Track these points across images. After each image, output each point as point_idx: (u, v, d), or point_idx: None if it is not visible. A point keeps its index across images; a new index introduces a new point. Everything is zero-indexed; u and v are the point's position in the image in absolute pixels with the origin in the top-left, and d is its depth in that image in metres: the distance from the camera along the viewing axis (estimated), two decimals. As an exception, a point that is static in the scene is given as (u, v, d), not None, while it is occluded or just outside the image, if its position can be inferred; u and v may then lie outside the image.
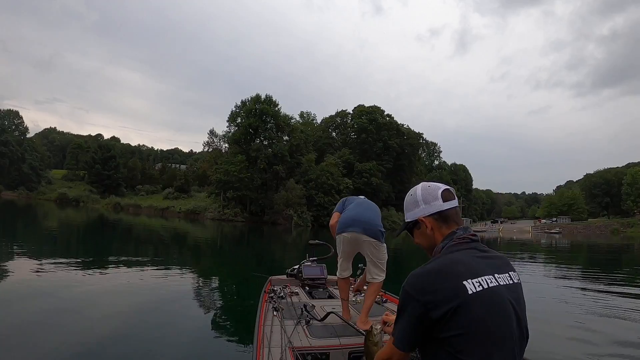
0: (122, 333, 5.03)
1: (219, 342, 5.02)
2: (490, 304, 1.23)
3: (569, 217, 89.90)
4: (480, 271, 1.28)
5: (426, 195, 1.49)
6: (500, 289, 1.28)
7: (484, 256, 1.36)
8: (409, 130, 72.52)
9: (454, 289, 1.22)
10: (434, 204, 1.47)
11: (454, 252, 1.36)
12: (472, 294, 1.21)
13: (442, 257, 1.36)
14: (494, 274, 1.30)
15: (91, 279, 8.35)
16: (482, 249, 1.40)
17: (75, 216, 37.23)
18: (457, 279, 1.24)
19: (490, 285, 1.26)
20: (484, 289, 1.24)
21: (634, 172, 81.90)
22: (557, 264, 19.64)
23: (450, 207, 1.47)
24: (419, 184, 1.57)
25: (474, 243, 1.40)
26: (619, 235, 65.04)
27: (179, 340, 4.91)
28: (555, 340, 5.61)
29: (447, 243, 1.41)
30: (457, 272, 1.26)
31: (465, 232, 1.43)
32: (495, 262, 1.36)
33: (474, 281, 1.24)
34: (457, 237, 1.41)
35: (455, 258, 1.32)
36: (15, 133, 79.74)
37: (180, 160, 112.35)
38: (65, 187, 71.56)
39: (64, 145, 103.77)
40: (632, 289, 10.94)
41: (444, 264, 1.30)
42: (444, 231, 1.46)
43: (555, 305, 8.39)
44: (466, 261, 1.31)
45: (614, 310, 7.88)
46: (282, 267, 5.63)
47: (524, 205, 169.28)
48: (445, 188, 1.49)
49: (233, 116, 58.04)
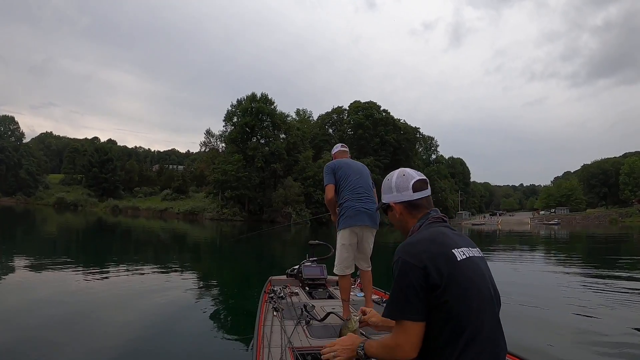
0: (122, 334, 5.02)
1: (219, 342, 5.01)
2: (474, 270, 1.37)
3: (568, 208, 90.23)
4: (460, 243, 1.43)
5: (399, 184, 1.60)
6: (477, 258, 1.43)
7: (457, 233, 1.52)
8: (405, 125, 72.56)
9: (447, 255, 1.35)
10: (404, 194, 1.58)
11: (432, 226, 1.50)
12: (460, 260, 1.35)
13: (424, 230, 1.49)
14: (468, 246, 1.45)
15: (90, 283, 8.32)
16: (453, 229, 1.53)
17: (74, 220, 37.17)
18: (448, 247, 1.37)
19: (469, 255, 1.40)
20: (468, 257, 1.38)
21: (631, 161, 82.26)
22: (556, 254, 19.70)
23: (420, 197, 1.58)
24: (397, 170, 1.68)
25: (445, 223, 1.54)
26: (618, 225, 65.28)
27: (179, 340, 4.90)
28: (552, 330, 5.63)
29: (424, 222, 1.53)
30: (446, 241, 1.40)
31: (437, 213, 1.57)
32: (466, 240, 1.50)
33: (459, 250, 1.38)
34: (432, 217, 1.54)
35: (439, 230, 1.46)
36: (11, 139, 79.56)
37: (177, 161, 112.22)
38: (62, 191, 71.42)
39: (60, 149, 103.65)
40: (632, 280, 10.97)
41: (433, 234, 1.43)
42: (415, 215, 1.58)
43: (554, 295, 8.40)
44: (448, 234, 1.45)
45: (613, 299, 7.90)
46: (281, 265, 5.63)
47: (522, 197, 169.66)
48: (418, 179, 1.59)
49: (229, 115, 58.05)
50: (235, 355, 4.55)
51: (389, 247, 22.88)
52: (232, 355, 4.55)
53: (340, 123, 71.56)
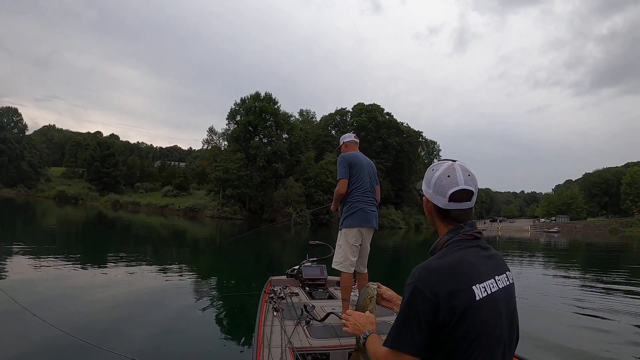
0: (122, 333, 5.03)
1: (219, 342, 5.02)
2: (492, 310, 1.25)
3: (568, 216, 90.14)
4: (485, 275, 1.29)
5: (438, 185, 1.40)
6: (499, 293, 1.30)
7: (486, 255, 1.37)
8: (408, 129, 72.61)
9: (465, 292, 1.22)
10: (438, 199, 1.40)
11: (461, 248, 1.34)
12: (479, 300, 1.23)
13: (450, 253, 1.33)
14: (495, 276, 1.32)
15: (88, 280, 8.33)
16: (484, 247, 1.39)
17: (74, 214, 37.20)
18: (468, 283, 1.24)
19: (492, 290, 1.28)
20: (488, 295, 1.25)
21: (633, 171, 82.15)
22: (555, 262, 19.67)
23: (455, 208, 1.39)
24: (447, 164, 1.44)
25: (477, 241, 1.38)
26: (618, 234, 65.20)
27: (179, 340, 4.91)
28: (551, 338, 5.62)
29: (452, 237, 1.38)
30: (468, 274, 1.26)
31: (472, 228, 1.40)
32: (495, 263, 1.38)
33: (480, 286, 1.25)
34: (463, 233, 1.38)
35: (465, 258, 1.31)
36: (14, 130, 79.57)
37: (179, 157, 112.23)
38: (64, 184, 71.39)
39: (62, 142, 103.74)
40: (630, 288, 10.95)
41: (455, 263, 1.28)
42: (445, 222, 1.43)
43: (552, 303, 8.39)
44: (474, 262, 1.31)
45: (611, 308, 7.89)
46: (281, 265, 5.63)
47: (522, 204, 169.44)
48: (460, 189, 1.36)
49: (232, 114, 58.04)
50: (235, 355, 4.55)
51: (388, 249, 22.90)
52: (232, 355, 4.55)
53: (343, 125, 71.54)
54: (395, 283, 1.34)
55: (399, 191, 68.08)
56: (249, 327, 3.90)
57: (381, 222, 3.60)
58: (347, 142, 4.05)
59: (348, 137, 4.09)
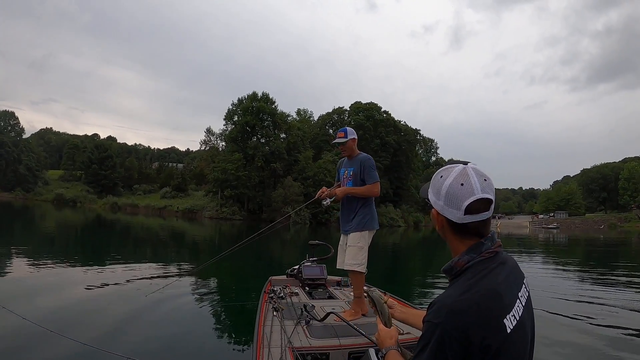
0: (121, 334, 5.01)
1: (219, 342, 5.01)
2: (521, 336, 1.17)
3: (567, 212, 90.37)
4: (512, 300, 1.18)
5: (450, 195, 1.21)
6: (524, 313, 1.21)
7: (509, 273, 1.24)
8: (406, 127, 72.61)
9: (498, 329, 1.11)
10: (451, 212, 1.22)
11: (485, 274, 1.19)
12: (510, 332, 1.13)
13: (476, 284, 1.17)
14: (518, 294, 1.22)
15: (87, 281, 8.29)
16: (504, 261, 1.25)
17: (73, 217, 37.13)
18: (500, 318, 1.13)
19: (520, 314, 1.18)
20: (517, 323, 1.16)
21: (631, 167, 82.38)
22: (555, 258, 19.71)
23: (472, 221, 1.21)
24: (458, 169, 1.24)
25: (498, 256, 1.24)
26: (616, 229, 65.42)
27: (179, 340, 4.90)
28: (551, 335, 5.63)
29: (473, 257, 1.21)
30: (498, 308, 1.14)
31: (493, 243, 1.24)
32: (515, 277, 1.26)
33: (510, 316, 1.14)
34: (485, 251, 1.22)
35: (493, 288, 1.16)
36: (11, 134, 79.49)
37: (177, 159, 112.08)
38: (62, 187, 71.28)
39: (60, 145, 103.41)
40: (630, 284, 10.98)
41: (485, 298, 1.14)
42: (461, 238, 1.26)
43: (552, 298, 8.40)
44: (502, 290, 1.17)
45: (611, 303, 7.91)
46: (281, 265, 5.62)
47: (521, 200, 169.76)
48: (478, 198, 1.18)
49: (230, 114, 58.08)
50: (235, 355, 4.55)
51: (387, 248, 22.92)
52: (232, 355, 4.55)
53: (340, 123, 71.41)
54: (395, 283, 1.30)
55: (398, 189, 68.11)
56: (249, 326, 3.89)
57: (380, 220, 3.58)
58: (355, 138, 3.98)
59: (355, 134, 4.02)
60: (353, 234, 3.75)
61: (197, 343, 4.84)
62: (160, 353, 4.48)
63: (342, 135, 3.88)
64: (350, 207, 3.84)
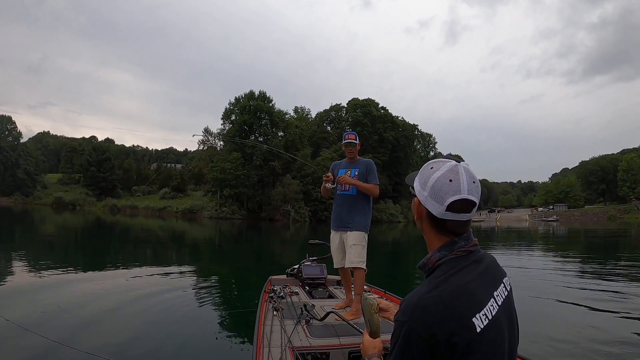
0: (121, 334, 5.01)
1: (219, 342, 5.01)
2: (494, 334, 1.14)
3: (566, 204, 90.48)
4: (484, 299, 1.16)
5: (436, 189, 1.20)
6: (500, 311, 1.18)
7: (483, 271, 1.22)
8: (404, 122, 72.58)
9: (466, 328, 1.09)
10: (433, 205, 1.21)
11: (454, 272, 1.17)
12: (480, 330, 1.10)
13: (444, 281, 1.15)
14: (493, 293, 1.19)
15: (88, 283, 8.31)
16: (479, 259, 1.23)
17: (72, 220, 37.10)
18: (468, 316, 1.10)
19: (493, 313, 1.15)
20: (489, 321, 1.13)
21: (629, 158, 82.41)
22: (555, 250, 19.75)
23: (451, 219, 1.20)
24: (450, 165, 1.22)
25: (472, 255, 1.23)
26: (616, 221, 65.53)
27: (179, 340, 4.89)
28: (552, 330, 5.64)
29: (445, 254, 1.21)
30: (467, 306, 1.11)
31: (467, 242, 1.23)
32: (491, 275, 1.25)
33: (480, 315, 1.12)
34: (457, 249, 1.21)
35: (461, 285, 1.15)
36: (8, 138, 79.37)
37: (175, 159, 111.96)
38: (61, 191, 71.11)
39: (58, 148, 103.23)
40: (630, 275, 11.00)
41: (452, 296, 1.12)
42: (437, 233, 1.25)
43: (552, 292, 8.42)
44: (472, 288, 1.15)
45: (612, 295, 7.92)
46: (281, 265, 5.62)
47: (520, 193, 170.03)
48: (461, 199, 1.17)
49: (227, 113, 58.01)
50: (235, 355, 4.55)
51: (387, 243, 22.94)
52: (232, 355, 4.55)
53: (338, 120, 71.45)
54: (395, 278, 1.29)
55: (397, 185, 68.07)
56: (249, 326, 3.89)
57: (380, 216, 3.64)
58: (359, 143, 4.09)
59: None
60: (357, 232, 3.79)
61: (197, 343, 4.84)
62: (160, 353, 4.48)
63: (354, 138, 4.00)
64: (356, 205, 3.87)
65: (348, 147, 3.95)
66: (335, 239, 3.96)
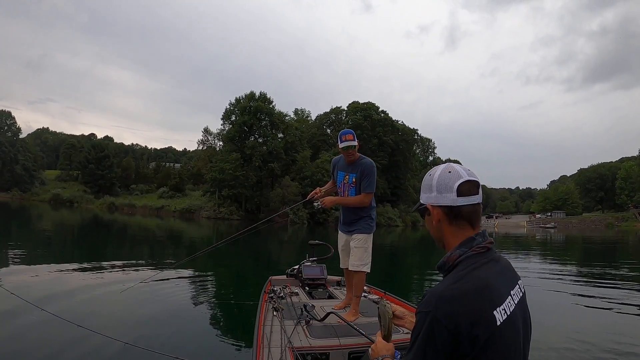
0: (121, 334, 4.98)
1: (219, 342, 5.00)
2: (512, 332, 1.18)
3: (564, 211, 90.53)
4: (503, 294, 1.20)
5: (441, 183, 1.29)
6: (516, 310, 1.22)
7: (501, 270, 1.27)
8: (403, 127, 72.60)
9: (487, 320, 1.12)
10: (446, 196, 1.28)
11: (476, 267, 1.22)
12: (500, 324, 1.13)
13: (466, 275, 1.19)
14: (510, 292, 1.23)
15: (86, 281, 8.28)
16: (496, 259, 1.28)
17: (70, 217, 37.02)
18: (489, 309, 1.13)
19: (511, 310, 1.19)
20: (508, 317, 1.16)
21: (628, 166, 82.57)
22: (552, 257, 19.76)
23: (466, 204, 1.27)
24: (443, 165, 1.35)
25: (490, 253, 1.28)
26: (614, 229, 65.66)
27: (179, 340, 4.88)
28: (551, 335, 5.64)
29: (465, 251, 1.25)
30: (488, 299, 1.15)
31: (484, 239, 1.28)
32: (508, 275, 1.29)
33: (500, 309, 1.15)
34: (476, 246, 1.26)
35: (483, 279, 1.18)
36: (7, 134, 79.11)
37: (174, 159, 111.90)
38: (58, 187, 71.06)
39: (57, 145, 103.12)
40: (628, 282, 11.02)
41: (474, 288, 1.16)
42: (455, 230, 1.30)
43: (550, 298, 8.42)
44: (493, 283, 1.19)
45: (610, 303, 7.93)
46: (281, 265, 5.61)
47: (518, 200, 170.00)
48: (466, 180, 1.27)
49: (227, 114, 58.00)
50: (235, 355, 4.54)
51: (386, 247, 22.93)
52: (232, 355, 4.54)
53: (338, 123, 71.44)
54: (394, 281, 1.29)
55: (395, 189, 68.17)
56: (249, 326, 3.88)
57: (378, 220, 3.60)
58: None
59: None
60: (360, 235, 3.76)
61: (197, 343, 4.83)
62: (160, 353, 4.46)
63: (352, 138, 3.69)
64: (360, 208, 3.82)
65: (347, 150, 3.69)
66: (341, 239, 3.97)
